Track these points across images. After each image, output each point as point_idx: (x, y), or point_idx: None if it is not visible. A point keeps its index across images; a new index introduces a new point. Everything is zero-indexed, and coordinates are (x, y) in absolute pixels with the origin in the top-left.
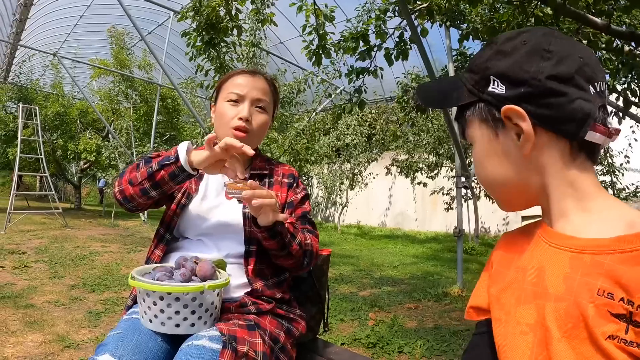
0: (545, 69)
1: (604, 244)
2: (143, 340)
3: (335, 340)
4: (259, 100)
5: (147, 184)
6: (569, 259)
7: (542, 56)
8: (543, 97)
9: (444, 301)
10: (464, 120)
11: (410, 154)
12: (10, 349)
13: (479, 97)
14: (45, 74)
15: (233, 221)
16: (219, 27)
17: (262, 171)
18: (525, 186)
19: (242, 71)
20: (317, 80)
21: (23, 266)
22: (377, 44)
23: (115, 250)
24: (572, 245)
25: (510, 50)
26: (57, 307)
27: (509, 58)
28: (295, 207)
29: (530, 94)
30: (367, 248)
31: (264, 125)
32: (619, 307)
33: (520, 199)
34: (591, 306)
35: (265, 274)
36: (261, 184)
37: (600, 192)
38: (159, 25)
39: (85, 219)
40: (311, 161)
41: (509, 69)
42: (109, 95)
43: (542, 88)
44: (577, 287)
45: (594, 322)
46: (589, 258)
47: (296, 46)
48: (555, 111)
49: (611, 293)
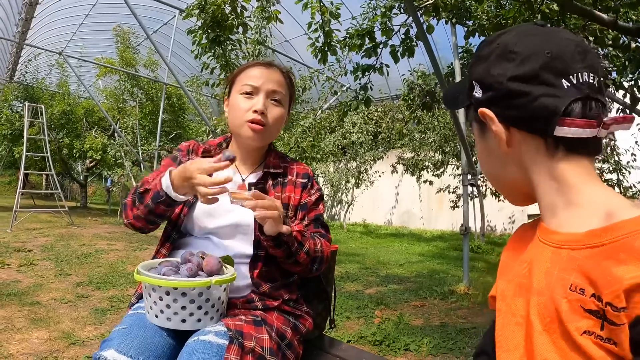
0: (508, 70)
1: (577, 238)
2: (148, 336)
3: (342, 337)
4: (275, 92)
5: (151, 217)
6: (550, 254)
7: (508, 58)
8: (505, 99)
9: (450, 299)
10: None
11: (416, 152)
12: (16, 346)
13: (470, 101)
14: (51, 73)
15: (243, 222)
16: (224, 25)
17: (275, 169)
18: (513, 181)
19: (257, 63)
20: (323, 78)
21: (29, 264)
22: (382, 41)
23: (121, 248)
24: (553, 240)
25: (486, 54)
26: (62, 304)
27: (484, 63)
28: (309, 209)
29: (495, 97)
30: (373, 246)
31: (279, 119)
32: (591, 303)
33: (517, 193)
34: (564, 301)
35: (273, 277)
36: (274, 182)
37: (586, 184)
38: (164, 23)
39: (91, 217)
40: (317, 159)
41: (481, 74)
42: (115, 94)
43: (504, 91)
44: (554, 282)
45: (567, 317)
46: (566, 253)
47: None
48: (519, 111)
49: (583, 289)
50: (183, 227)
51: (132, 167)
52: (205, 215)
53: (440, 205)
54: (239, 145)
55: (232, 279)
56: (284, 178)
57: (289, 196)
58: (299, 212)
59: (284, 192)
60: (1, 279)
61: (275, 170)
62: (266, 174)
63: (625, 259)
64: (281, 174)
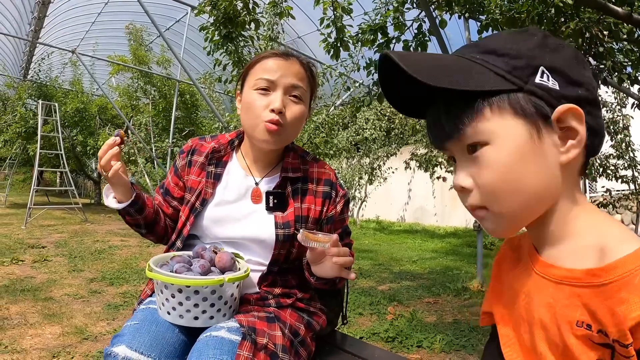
0: (593, 79)
1: (578, 276)
2: (160, 332)
3: (354, 334)
4: (294, 87)
5: (133, 228)
6: (551, 289)
7: (585, 67)
8: (593, 104)
9: (464, 296)
10: (474, 112)
11: (429, 148)
12: (29, 341)
13: (520, 86)
14: (65, 71)
15: (260, 237)
16: (236, 21)
17: (295, 173)
18: (545, 201)
19: (273, 53)
20: (336, 74)
21: (43, 260)
22: (395, 36)
23: (135, 245)
24: (553, 274)
25: (555, 48)
26: (75, 300)
27: (559, 55)
28: (336, 222)
29: (586, 98)
30: (386, 243)
31: (299, 117)
32: (598, 338)
33: (530, 218)
34: (572, 337)
35: (285, 283)
36: (293, 189)
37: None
38: (176, 21)
39: (105, 214)
40: (330, 155)
41: (565, 66)
42: (128, 92)
43: (594, 95)
44: (559, 318)
45: (578, 350)
46: (568, 289)
47: (314, 40)
48: (596, 122)
49: (589, 324)
50: (188, 236)
51: (145, 164)
52: (213, 224)
53: (454, 202)
54: (252, 144)
55: (246, 275)
56: (304, 184)
57: (308, 208)
58: (325, 226)
59: (304, 203)
60: (15, 275)
61: (294, 174)
62: (285, 179)
63: (627, 298)
64: (300, 179)
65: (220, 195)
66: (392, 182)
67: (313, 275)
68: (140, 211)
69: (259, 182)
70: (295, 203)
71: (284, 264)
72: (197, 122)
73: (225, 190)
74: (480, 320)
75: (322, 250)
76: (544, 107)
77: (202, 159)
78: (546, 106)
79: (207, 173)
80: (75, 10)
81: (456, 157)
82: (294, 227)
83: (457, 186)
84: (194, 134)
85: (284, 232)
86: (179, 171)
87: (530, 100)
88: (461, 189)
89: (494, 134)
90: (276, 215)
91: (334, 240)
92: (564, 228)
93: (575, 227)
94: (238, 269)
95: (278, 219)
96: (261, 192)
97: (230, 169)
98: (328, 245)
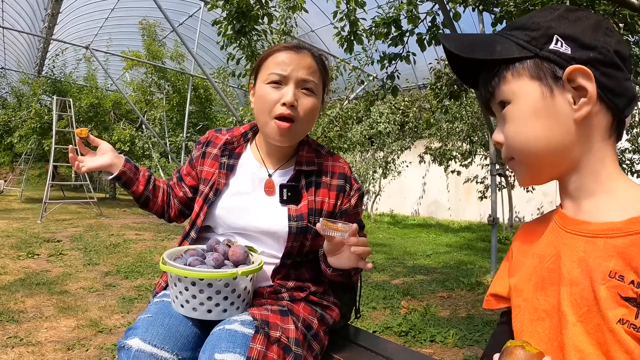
0: (611, 44)
1: (617, 227)
2: (173, 325)
3: (367, 328)
4: (306, 81)
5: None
6: (583, 244)
7: (607, 33)
8: (608, 66)
9: (477, 290)
10: (499, 77)
11: (443, 141)
12: (44, 334)
13: (536, 53)
14: (79, 67)
15: (272, 229)
16: (249, 15)
17: (309, 166)
18: (563, 154)
19: (284, 47)
20: (349, 67)
21: (58, 254)
22: (409, 29)
23: (149, 238)
24: (586, 230)
25: (575, 19)
26: (90, 293)
27: (576, 24)
28: (350, 215)
29: (599, 60)
30: (400, 237)
31: (312, 110)
32: (629, 290)
33: (551, 169)
34: (603, 288)
35: (298, 276)
36: (307, 182)
37: (621, 174)
38: (190, 16)
39: (120, 208)
40: (344, 149)
41: (578, 33)
42: (142, 87)
43: (610, 58)
44: (591, 269)
45: (606, 304)
46: (602, 242)
47: (328, 34)
48: (614, 83)
49: (622, 275)
50: (204, 225)
51: (159, 159)
52: (227, 214)
53: (468, 196)
54: (265, 137)
55: (259, 268)
56: (318, 177)
57: (322, 201)
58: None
59: (317, 196)
60: (31, 269)
61: (308, 167)
62: (299, 172)
63: None
64: (314, 173)
65: (233, 186)
66: (406, 176)
67: (329, 266)
68: (126, 186)
69: (272, 174)
70: (309, 196)
71: (297, 257)
72: (211, 116)
73: (239, 182)
74: (485, 302)
75: (340, 241)
76: (556, 69)
77: (216, 150)
78: (558, 69)
79: (220, 164)
80: (89, 6)
81: (497, 116)
82: (307, 220)
83: (494, 141)
84: (208, 129)
85: (297, 224)
86: (193, 161)
87: (543, 64)
88: (497, 143)
89: (514, 94)
90: (290, 208)
91: (353, 229)
92: (597, 186)
93: (610, 185)
94: (252, 263)
95: (292, 212)
96: (274, 184)
97: (244, 160)
98: (347, 234)
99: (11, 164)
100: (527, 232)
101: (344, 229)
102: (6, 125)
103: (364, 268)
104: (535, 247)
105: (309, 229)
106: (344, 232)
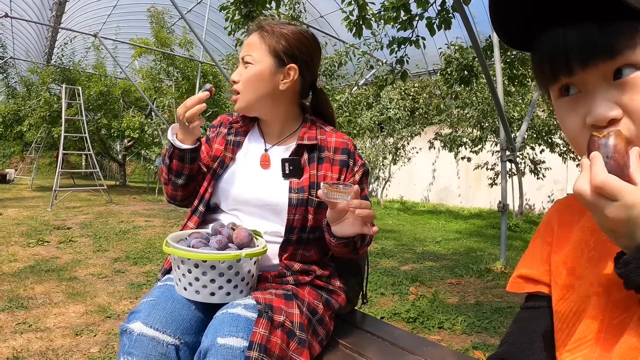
0: None
1: None
2: (176, 308)
3: (375, 314)
4: (244, 57)
5: (170, 176)
6: None
7: None
8: None
9: (487, 277)
10: (630, 30)
11: (453, 128)
12: (53, 319)
13: None
14: (87, 55)
15: (273, 201)
16: (256, 0)
17: (310, 141)
18: None
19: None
20: (359, 52)
21: (68, 241)
22: (418, 13)
23: (159, 225)
24: None
25: None
26: (99, 279)
27: None
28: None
29: None
30: (409, 223)
31: (251, 77)
32: None
33: None
34: None
35: (305, 257)
36: (310, 157)
37: None
38: (198, 2)
39: (130, 195)
40: (353, 135)
41: None
42: (151, 74)
43: None
44: None
45: None
46: None
47: (336, 19)
48: None
49: None
50: (211, 201)
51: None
52: (232, 187)
53: (478, 183)
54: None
55: (263, 251)
56: (320, 152)
57: (324, 175)
58: None
59: (320, 170)
60: (41, 256)
61: (310, 142)
62: (300, 147)
63: None
64: (316, 148)
65: (239, 160)
66: (416, 163)
67: (334, 236)
68: (192, 161)
69: (268, 148)
70: (311, 170)
71: (301, 232)
72: (220, 103)
73: (243, 157)
74: (511, 284)
75: (343, 207)
76: None
77: (225, 130)
78: None
79: (227, 141)
80: None
81: (589, 87)
82: (308, 193)
83: (602, 119)
84: (217, 115)
85: (297, 196)
86: (210, 141)
87: None
88: (611, 120)
89: None
90: (291, 181)
91: (355, 191)
92: None
93: None
94: (256, 246)
95: (293, 185)
96: (269, 158)
97: (251, 137)
98: (350, 197)
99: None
100: (567, 207)
101: (345, 191)
102: (16, 114)
103: (369, 233)
104: (584, 220)
105: (310, 200)
106: (346, 195)
